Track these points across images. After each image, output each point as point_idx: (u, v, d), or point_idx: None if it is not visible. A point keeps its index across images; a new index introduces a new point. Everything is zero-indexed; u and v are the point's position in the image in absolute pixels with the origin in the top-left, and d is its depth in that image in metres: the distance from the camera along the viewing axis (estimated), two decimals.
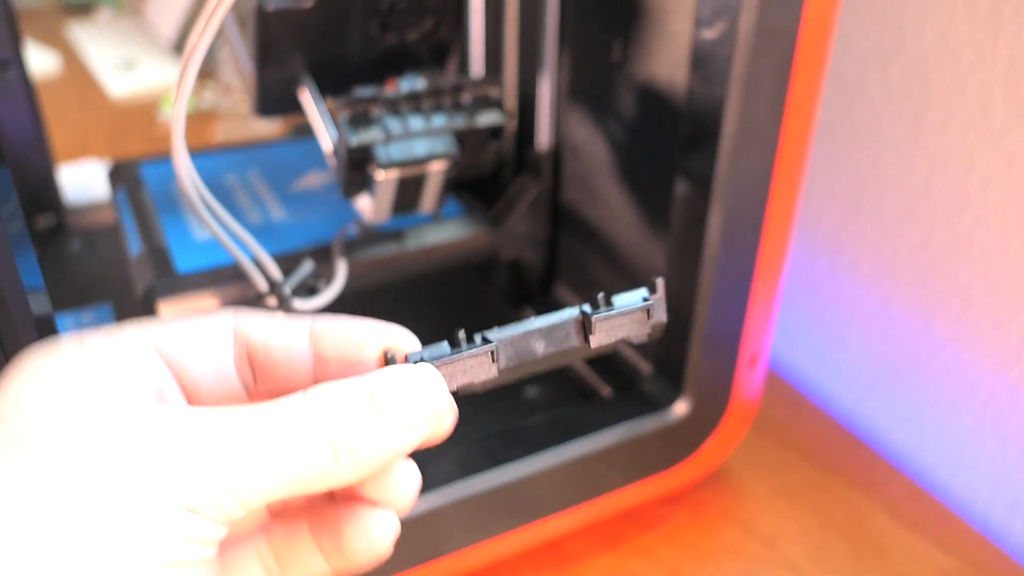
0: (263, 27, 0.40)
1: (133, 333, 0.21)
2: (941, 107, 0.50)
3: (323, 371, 0.23)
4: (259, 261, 0.39)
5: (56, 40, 1.19)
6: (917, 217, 0.53)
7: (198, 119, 0.97)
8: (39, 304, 0.30)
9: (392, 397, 0.20)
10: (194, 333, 0.22)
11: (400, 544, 0.39)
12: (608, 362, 0.50)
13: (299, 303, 0.40)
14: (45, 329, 0.30)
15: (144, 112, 1.00)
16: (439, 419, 0.21)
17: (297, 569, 0.23)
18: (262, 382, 0.23)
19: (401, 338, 0.23)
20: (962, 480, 0.53)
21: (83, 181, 0.82)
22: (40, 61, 1.09)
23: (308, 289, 0.41)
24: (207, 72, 1.06)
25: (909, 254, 0.54)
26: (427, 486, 0.39)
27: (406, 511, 0.23)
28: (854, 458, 0.54)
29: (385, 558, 0.23)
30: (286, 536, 0.23)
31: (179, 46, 1.16)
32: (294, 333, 0.23)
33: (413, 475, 0.23)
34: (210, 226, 0.35)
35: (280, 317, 0.23)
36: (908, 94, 0.51)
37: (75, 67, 1.12)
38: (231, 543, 0.22)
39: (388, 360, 0.22)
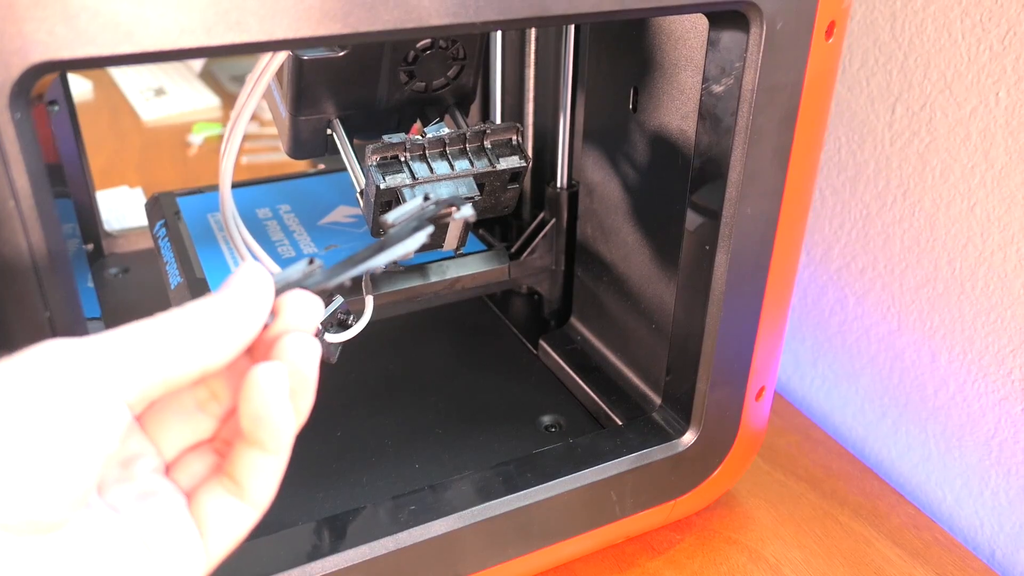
0: (299, 75, 0.43)
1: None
2: (945, 150, 0.51)
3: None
4: None
5: None
6: (922, 254, 0.54)
7: None
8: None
9: (230, 286, 0.25)
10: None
11: (419, 566, 0.41)
12: (620, 393, 0.52)
13: (330, 337, 0.42)
14: None
15: (175, 136, 1.03)
16: (259, 298, 0.25)
17: (217, 528, 0.25)
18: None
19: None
20: (967, 510, 0.54)
21: (117, 207, 0.85)
22: (73, 87, 1.13)
23: (339, 324, 0.44)
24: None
25: (915, 290, 0.55)
26: (446, 511, 0.41)
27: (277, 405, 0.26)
28: (859, 487, 0.55)
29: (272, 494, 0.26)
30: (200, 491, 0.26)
31: (204, 74, 1.20)
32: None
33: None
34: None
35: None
36: (915, 135, 0.53)
37: (106, 93, 1.15)
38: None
39: None
